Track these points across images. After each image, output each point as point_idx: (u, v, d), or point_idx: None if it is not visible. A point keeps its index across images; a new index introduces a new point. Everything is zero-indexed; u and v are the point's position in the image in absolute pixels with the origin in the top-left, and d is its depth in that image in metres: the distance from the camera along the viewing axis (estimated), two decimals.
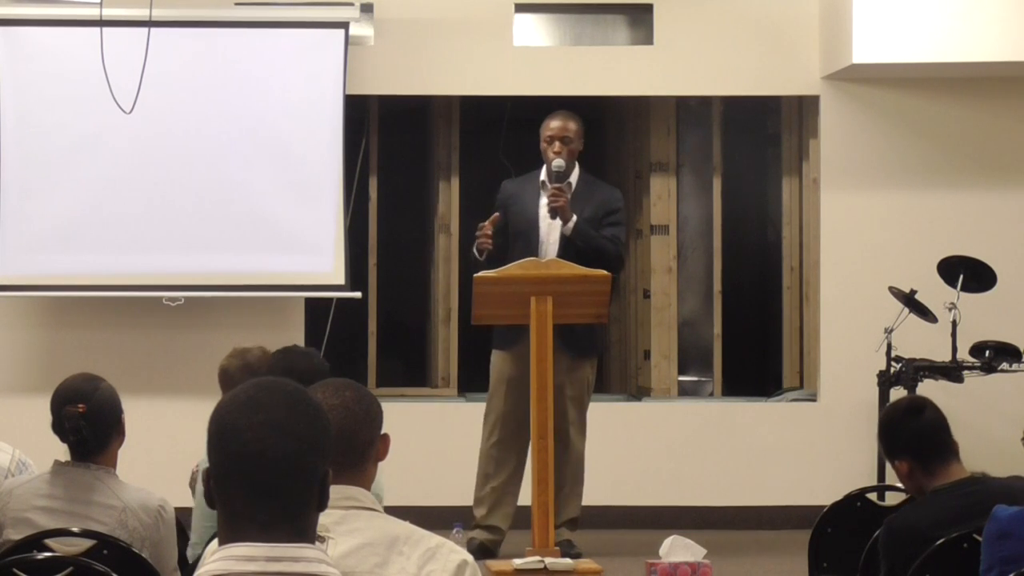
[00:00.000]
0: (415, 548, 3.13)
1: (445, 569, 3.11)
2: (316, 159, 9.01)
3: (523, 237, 7.87)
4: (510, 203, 7.99)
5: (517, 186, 8.12)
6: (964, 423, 9.09)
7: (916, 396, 5.42)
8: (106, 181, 8.93)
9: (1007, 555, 4.18)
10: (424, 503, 8.45)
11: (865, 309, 9.11)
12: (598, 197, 7.94)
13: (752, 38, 9.35)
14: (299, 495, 2.41)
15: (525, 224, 7.89)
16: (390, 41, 9.27)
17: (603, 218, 7.87)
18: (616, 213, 7.94)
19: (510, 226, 7.91)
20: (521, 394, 7.65)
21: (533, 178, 8.03)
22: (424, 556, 3.11)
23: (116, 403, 4.71)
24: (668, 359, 9.77)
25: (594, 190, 8.00)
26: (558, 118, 7.96)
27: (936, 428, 4.88)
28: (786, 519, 8.96)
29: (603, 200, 7.94)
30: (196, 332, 9.16)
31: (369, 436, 3.29)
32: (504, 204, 8.00)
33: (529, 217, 7.90)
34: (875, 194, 9.35)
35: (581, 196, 7.87)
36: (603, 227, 7.84)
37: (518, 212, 7.93)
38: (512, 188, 8.11)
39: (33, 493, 4.64)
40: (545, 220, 7.85)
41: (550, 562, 6.86)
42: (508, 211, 7.95)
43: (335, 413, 3.15)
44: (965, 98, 9.32)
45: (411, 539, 3.14)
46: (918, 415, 4.90)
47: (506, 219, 7.91)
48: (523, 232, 7.88)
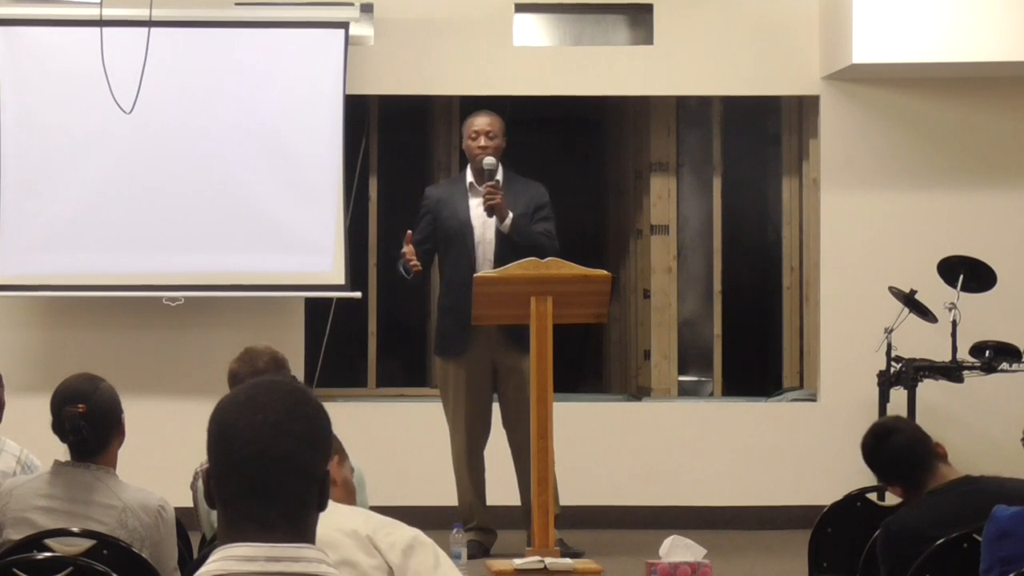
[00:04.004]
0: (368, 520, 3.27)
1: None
2: (316, 159, 9.01)
3: (457, 240, 7.94)
4: (439, 208, 8.04)
5: (443, 190, 8.22)
6: (964, 423, 9.14)
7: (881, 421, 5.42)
8: (106, 181, 8.93)
9: (1007, 555, 4.18)
10: (424, 503, 8.45)
11: (865, 309, 9.11)
12: (526, 193, 8.02)
13: (752, 38, 9.35)
14: (298, 495, 2.40)
15: (458, 227, 7.95)
16: (390, 41, 9.27)
17: (533, 213, 7.94)
18: (545, 207, 8.01)
19: (440, 231, 7.97)
20: (475, 397, 7.92)
21: (459, 181, 8.15)
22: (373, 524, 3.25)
23: (116, 403, 4.72)
24: (668, 359, 9.78)
25: (520, 187, 8.06)
26: (483, 115, 8.09)
27: (909, 446, 4.89)
28: (786, 519, 8.95)
29: (531, 196, 8.01)
30: (196, 332, 9.16)
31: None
32: (432, 210, 8.05)
33: (461, 219, 7.96)
34: (875, 194, 9.35)
35: (509, 193, 7.94)
36: (535, 222, 7.91)
37: (448, 216, 7.99)
38: (438, 193, 8.19)
39: (33, 493, 4.64)
40: (479, 220, 7.90)
41: (550, 562, 6.86)
42: (437, 216, 8.01)
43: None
44: (965, 98, 9.32)
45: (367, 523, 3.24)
46: (887, 440, 4.91)
47: (434, 225, 7.99)
48: (456, 235, 7.94)
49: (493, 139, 7.97)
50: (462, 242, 7.92)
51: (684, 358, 9.85)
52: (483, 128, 7.99)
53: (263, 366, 5.45)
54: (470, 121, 8.07)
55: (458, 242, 7.93)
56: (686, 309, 9.87)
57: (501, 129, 8.04)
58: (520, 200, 7.94)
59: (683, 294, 9.86)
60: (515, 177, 8.11)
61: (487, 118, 8.05)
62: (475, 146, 7.97)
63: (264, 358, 5.52)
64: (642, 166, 9.99)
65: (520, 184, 8.08)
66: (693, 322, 9.88)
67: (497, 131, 8.01)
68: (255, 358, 5.51)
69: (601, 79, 9.39)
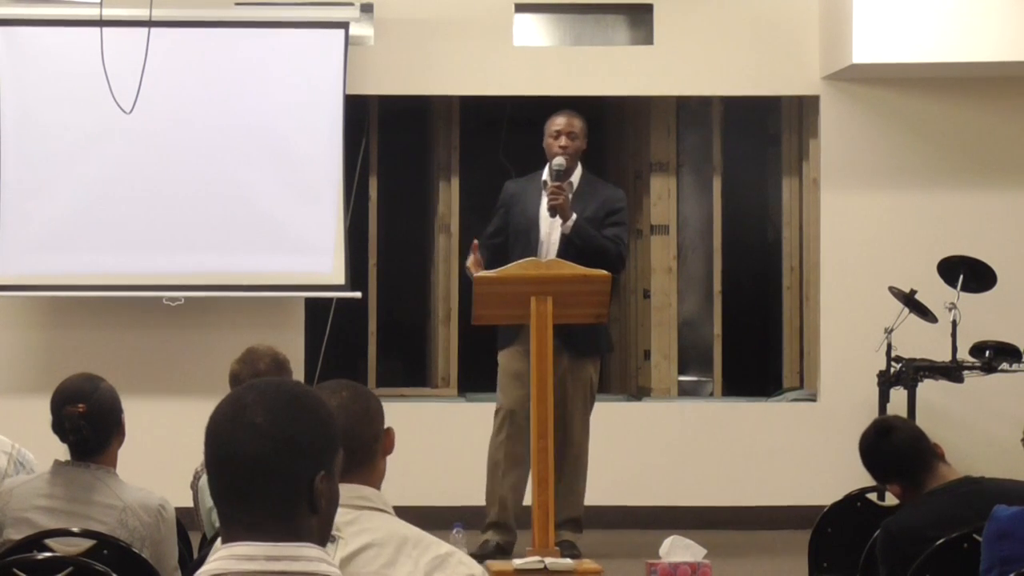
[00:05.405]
0: (424, 553, 3.10)
1: None
2: (316, 159, 9.02)
3: (524, 236, 7.86)
4: (512, 203, 7.99)
5: (520, 186, 8.12)
6: (964, 423, 9.15)
7: (880, 419, 5.41)
8: (106, 181, 8.93)
9: (1007, 555, 4.18)
10: (424, 503, 8.44)
11: (865, 309, 9.11)
12: (600, 196, 7.93)
13: (752, 38, 9.35)
14: (277, 497, 2.38)
15: (526, 223, 7.89)
16: (390, 41, 9.27)
17: (604, 218, 7.85)
18: (618, 213, 7.91)
19: (511, 226, 7.92)
20: (526, 389, 7.66)
21: (536, 178, 8.02)
22: (432, 563, 3.08)
23: (116, 403, 4.71)
24: (668, 359, 9.78)
25: (596, 189, 7.98)
26: (564, 115, 7.97)
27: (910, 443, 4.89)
28: (786, 519, 8.95)
29: (605, 199, 7.92)
30: (196, 332, 9.16)
31: (372, 432, 3.30)
32: (507, 204, 8.01)
33: (530, 216, 7.89)
34: (875, 194, 9.35)
35: (583, 195, 7.85)
36: (605, 227, 7.82)
37: (519, 212, 7.93)
38: (514, 188, 8.11)
39: (33, 493, 4.64)
40: (546, 219, 7.83)
41: (550, 562, 6.85)
42: (510, 211, 7.96)
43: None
44: (965, 98, 9.32)
45: (420, 543, 3.12)
46: (888, 437, 4.91)
47: (507, 219, 7.93)
48: (524, 232, 7.88)
49: (574, 139, 7.88)
50: (527, 239, 7.83)
51: (684, 358, 9.85)
52: (564, 128, 7.88)
53: (264, 367, 5.45)
54: (551, 120, 7.94)
55: (524, 238, 7.85)
56: (686, 309, 9.87)
57: (583, 130, 7.93)
58: (592, 203, 7.83)
59: (683, 294, 9.86)
60: (594, 179, 8.05)
61: (565, 118, 7.92)
62: (555, 145, 7.85)
63: (265, 359, 5.51)
64: (642, 166, 9.99)
65: (596, 187, 7.98)
66: (693, 322, 9.88)
67: (578, 131, 7.90)
68: (256, 359, 5.51)
69: (601, 79, 9.39)
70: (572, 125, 7.91)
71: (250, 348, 5.59)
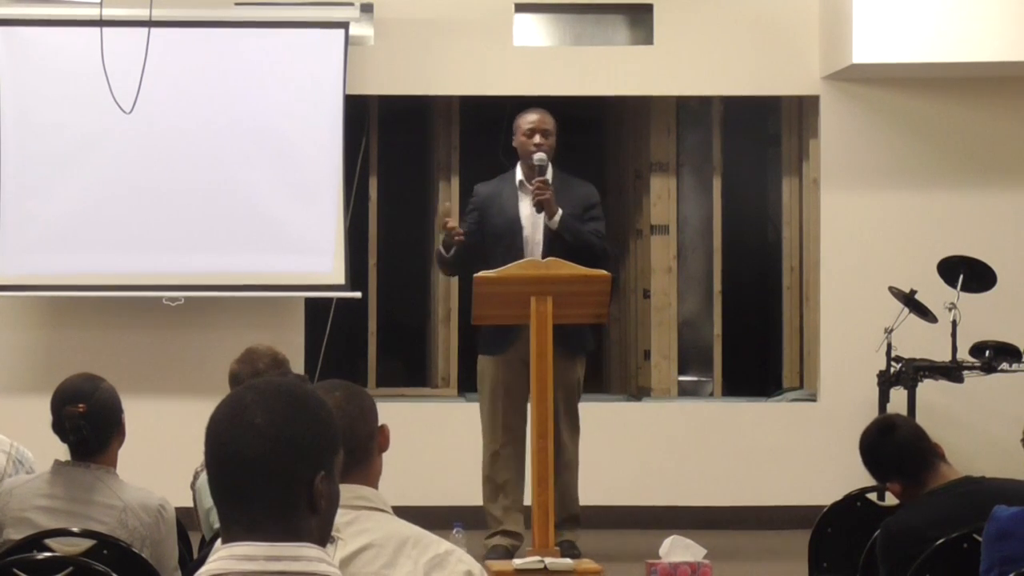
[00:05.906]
0: (423, 552, 3.10)
1: None
2: (316, 159, 9.02)
3: (506, 238, 7.73)
4: (486, 205, 7.83)
5: (492, 188, 7.94)
6: (964, 423, 9.15)
7: (883, 417, 5.40)
8: (106, 181, 8.93)
9: (1007, 555, 4.18)
10: (424, 503, 8.44)
11: (865, 309, 9.11)
12: (575, 193, 7.83)
13: (752, 38, 9.35)
14: (276, 498, 2.37)
15: (507, 225, 7.75)
16: (390, 41, 9.27)
17: (583, 214, 7.77)
18: (595, 208, 7.83)
19: (488, 229, 7.78)
20: (514, 398, 7.69)
21: (509, 178, 7.89)
22: (431, 562, 3.08)
23: (116, 403, 4.71)
24: (668, 359, 9.78)
25: (571, 187, 7.87)
26: (535, 112, 7.85)
27: (912, 441, 4.88)
28: (786, 519, 8.95)
29: (581, 196, 7.84)
30: (196, 332, 9.16)
31: (368, 431, 3.30)
32: (480, 207, 7.85)
33: (510, 217, 7.76)
34: (875, 194, 9.35)
35: (558, 193, 7.71)
36: (584, 222, 7.75)
37: (496, 213, 7.79)
38: (486, 190, 7.93)
39: (33, 493, 4.64)
40: (528, 219, 7.72)
41: (550, 562, 6.85)
42: (485, 214, 7.82)
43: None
44: (965, 98, 9.32)
45: (420, 543, 3.12)
46: (891, 434, 4.91)
47: (480, 222, 7.80)
48: (505, 233, 7.74)
49: (548, 137, 7.76)
50: (511, 240, 7.72)
51: (684, 358, 9.85)
52: (538, 125, 7.77)
53: (264, 367, 5.45)
54: (523, 118, 7.83)
55: (507, 239, 7.72)
56: (686, 309, 9.87)
57: (554, 126, 7.82)
58: (570, 199, 7.74)
59: (683, 294, 9.86)
60: (566, 176, 7.91)
61: (540, 115, 7.82)
62: (530, 143, 7.76)
63: (265, 359, 5.51)
64: (642, 166, 9.99)
65: (570, 183, 7.87)
66: (693, 322, 9.88)
67: (551, 128, 7.79)
68: (256, 359, 5.51)
69: (601, 79, 9.39)
70: (545, 122, 7.82)
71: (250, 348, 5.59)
